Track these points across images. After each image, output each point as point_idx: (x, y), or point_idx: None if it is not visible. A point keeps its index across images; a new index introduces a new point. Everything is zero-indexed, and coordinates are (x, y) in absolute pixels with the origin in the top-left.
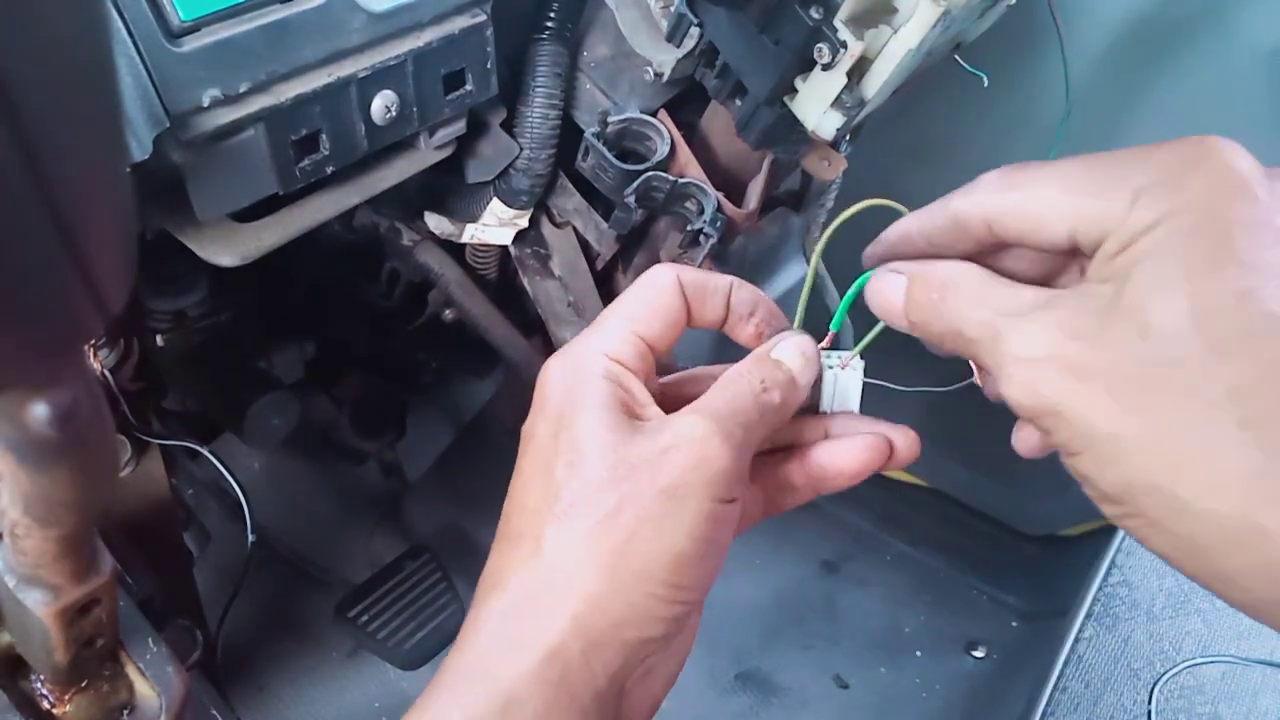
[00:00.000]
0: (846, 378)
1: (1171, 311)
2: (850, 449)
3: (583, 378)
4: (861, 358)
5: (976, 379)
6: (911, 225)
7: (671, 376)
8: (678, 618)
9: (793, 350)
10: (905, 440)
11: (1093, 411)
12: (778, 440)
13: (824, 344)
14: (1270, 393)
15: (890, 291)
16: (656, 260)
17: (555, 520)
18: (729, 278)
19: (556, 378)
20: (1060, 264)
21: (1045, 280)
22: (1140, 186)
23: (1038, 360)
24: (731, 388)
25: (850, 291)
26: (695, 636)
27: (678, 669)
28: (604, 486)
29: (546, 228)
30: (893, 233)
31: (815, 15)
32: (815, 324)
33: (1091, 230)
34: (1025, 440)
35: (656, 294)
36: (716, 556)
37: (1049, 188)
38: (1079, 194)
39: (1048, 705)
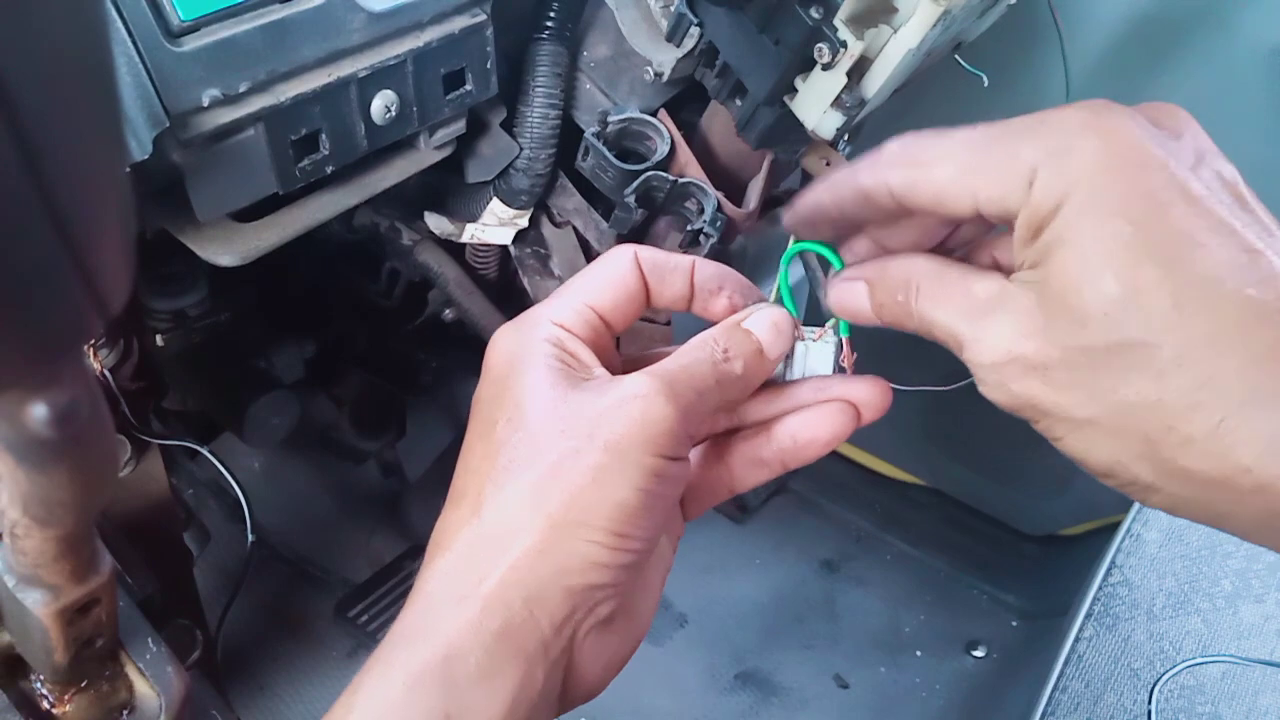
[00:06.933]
0: (818, 350)
1: (1102, 298)
2: (816, 419)
3: (526, 341)
4: (836, 332)
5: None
6: (823, 197)
7: (640, 355)
8: (623, 566)
9: (765, 321)
10: (870, 394)
11: (1064, 402)
12: (745, 416)
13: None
14: (1215, 353)
15: (854, 299)
16: None
17: (495, 476)
18: (691, 256)
19: (502, 343)
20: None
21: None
22: (1034, 164)
23: (1001, 364)
24: (691, 353)
25: (782, 274)
26: (657, 602)
27: (638, 632)
28: (543, 441)
29: (546, 228)
30: (804, 201)
31: (815, 15)
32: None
33: (994, 209)
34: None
35: (611, 268)
36: (661, 510)
37: (947, 167)
38: (975, 173)
39: (1048, 705)
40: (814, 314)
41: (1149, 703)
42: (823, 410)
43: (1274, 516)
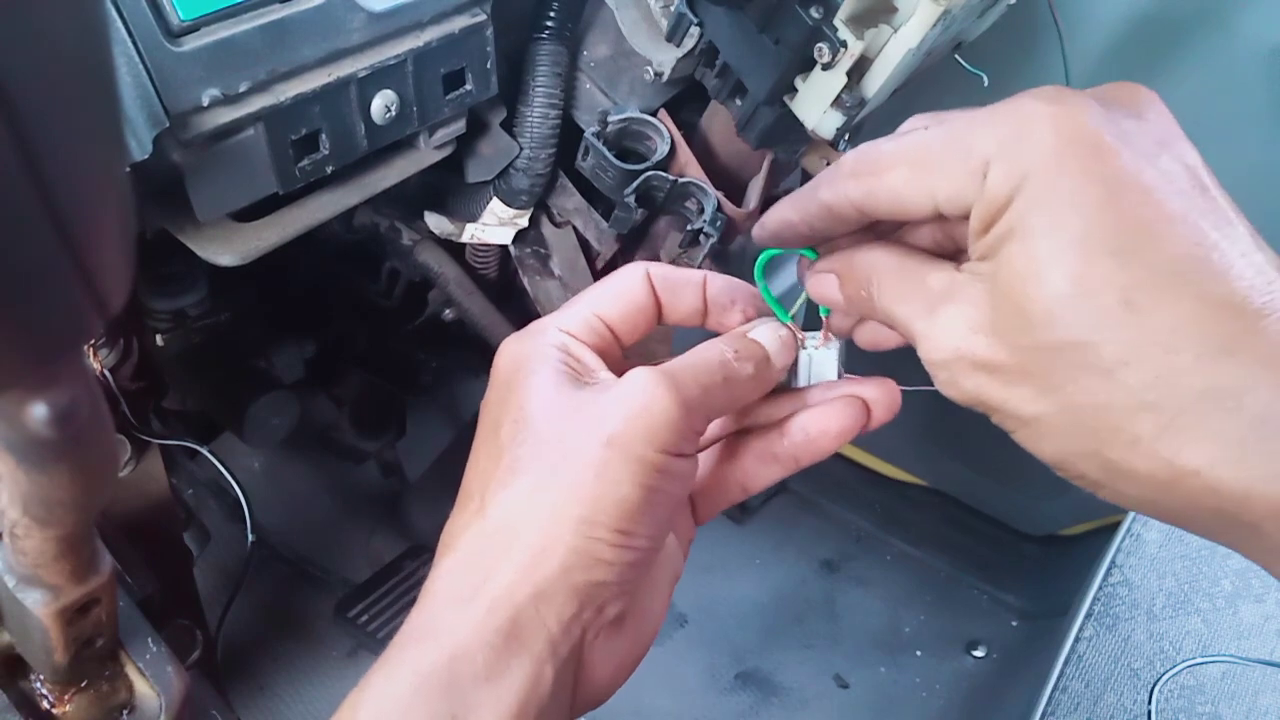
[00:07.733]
0: (821, 356)
1: (1049, 295)
2: (827, 413)
3: (532, 346)
4: (838, 338)
5: None
6: (789, 214)
7: (644, 360)
8: (628, 564)
9: (770, 333)
10: (880, 392)
11: (1012, 399)
12: (757, 420)
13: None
14: (1164, 351)
15: (828, 290)
16: (657, 260)
17: (500, 477)
18: (702, 271)
19: (509, 350)
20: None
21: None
22: (987, 157)
23: (950, 361)
24: (699, 352)
25: (760, 281)
26: (667, 606)
27: (648, 635)
28: (547, 441)
29: (546, 227)
30: (773, 220)
31: (815, 15)
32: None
33: (952, 207)
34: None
35: (622, 282)
36: (665, 506)
37: (901, 171)
38: (931, 173)
39: (1048, 705)
40: (813, 319)
41: (1149, 703)
42: (833, 404)
43: (1226, 519)
